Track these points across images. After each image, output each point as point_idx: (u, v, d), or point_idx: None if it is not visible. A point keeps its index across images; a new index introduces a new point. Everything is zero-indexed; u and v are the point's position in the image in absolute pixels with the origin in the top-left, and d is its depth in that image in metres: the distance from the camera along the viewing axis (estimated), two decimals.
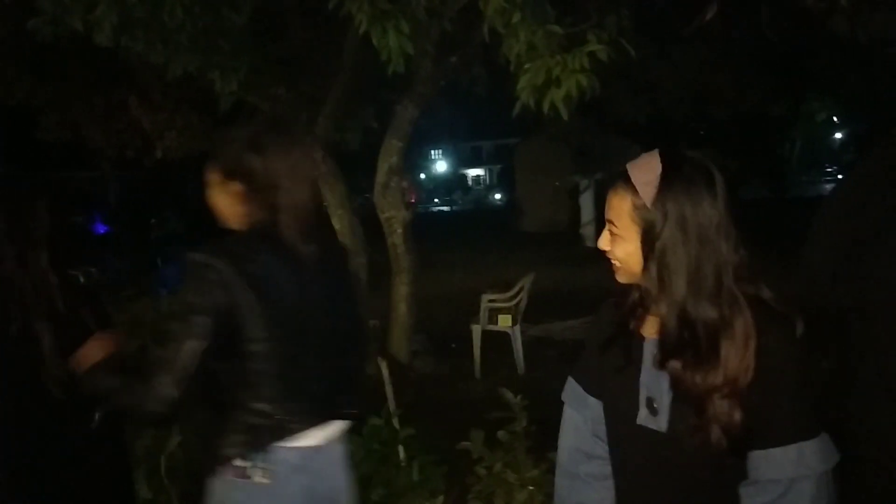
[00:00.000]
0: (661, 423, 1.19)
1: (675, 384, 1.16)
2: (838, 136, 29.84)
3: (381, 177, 5.60)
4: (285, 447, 1.53)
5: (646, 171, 1.20)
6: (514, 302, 5.91)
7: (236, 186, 1.61)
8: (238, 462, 1.51)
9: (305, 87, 5.87)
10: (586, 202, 16.41)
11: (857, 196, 1.08)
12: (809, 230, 1.22)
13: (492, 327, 5.81)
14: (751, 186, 23.34)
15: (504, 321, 5.80)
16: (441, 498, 2.53)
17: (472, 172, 51.73)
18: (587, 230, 16.11)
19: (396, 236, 5.73)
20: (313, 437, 1.58)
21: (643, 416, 1.21)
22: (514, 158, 22.36)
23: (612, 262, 1.27)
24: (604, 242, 1.28)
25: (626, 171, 1.24)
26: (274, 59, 5.47)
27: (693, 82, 7.22)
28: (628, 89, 7.85)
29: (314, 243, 1.63)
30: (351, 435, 2.53)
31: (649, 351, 1.21)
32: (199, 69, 4.27)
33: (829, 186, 28.87)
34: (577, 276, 11.39)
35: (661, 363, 1.17)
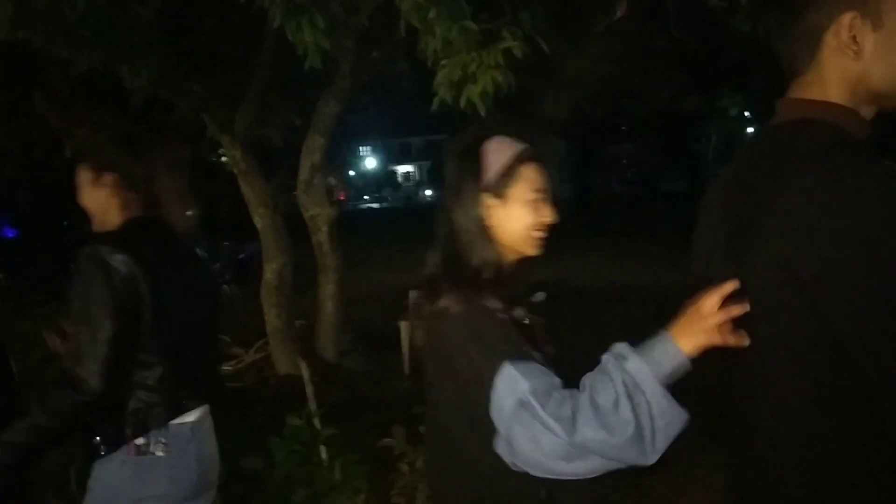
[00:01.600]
0: None
1: None
2: (751, 130, 31.27)
3: (304, 174, 5.53)
4: (178, 423, 1.71)
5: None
6: None
7: (110, 179, 1.72)
8: (139, 440, 1.66)
9: (222, 82, 5.72)
10: None
11: (737, 181, 1.13)
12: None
13: None
14: (669, 179, 24.22)
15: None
16: (363, 496, 2.52)
17: (402, 169, 51.60)
18: None
19: (321, 234, 5.66)
20: (197, 412, 1.78)
21: None
22: (443, 154, 22.44)
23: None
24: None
25: None
26: (188, 53, 5.31)
27: (611, 79, 7.42)
28: (550, 86, 8.00)
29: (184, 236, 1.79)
30: (271, 436, 2.49)
31: None
32: (105, 64, 4.09)
33: None
34: None
35: None
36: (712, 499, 3.41)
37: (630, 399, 1.15)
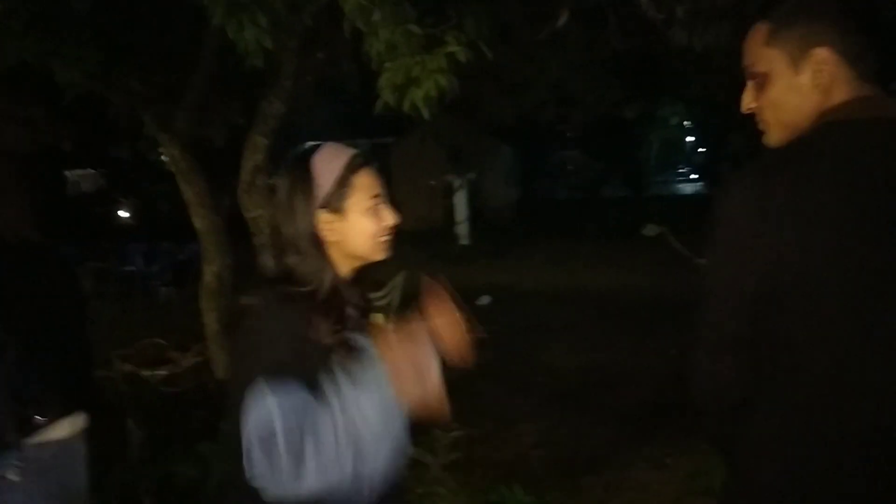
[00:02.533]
0: None
1: None
2: (691, 138, 32.20)
3: (245, 175, 5.41)
4: (38, 443, 1.60)
5: None
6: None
7: None
8: None
9: (162, 79, 5.57)
10: (460, 201, 16.74)
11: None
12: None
13: None
14: (612, 185, 24.72)
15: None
16: None
17: None
18: (461, 228, 16.44)
19: (263, 237, 5.56)
20: (63, 431, 1.66)
21: None
22: (390, 157, 22.40)
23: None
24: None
25: None
26: (126, 48, 5.15)
27: (555, 86, 7.52)
28: (497, 91, 8.06)
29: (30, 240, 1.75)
30: (207, 442, 2.43)
31: None
32: (36, 58, 3.93)
33: (682, 185, 31.19)
34: (450, 273, 11.59)
35: None
36: (647, 498, 3.49)
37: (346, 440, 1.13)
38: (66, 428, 1.68)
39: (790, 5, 1.14)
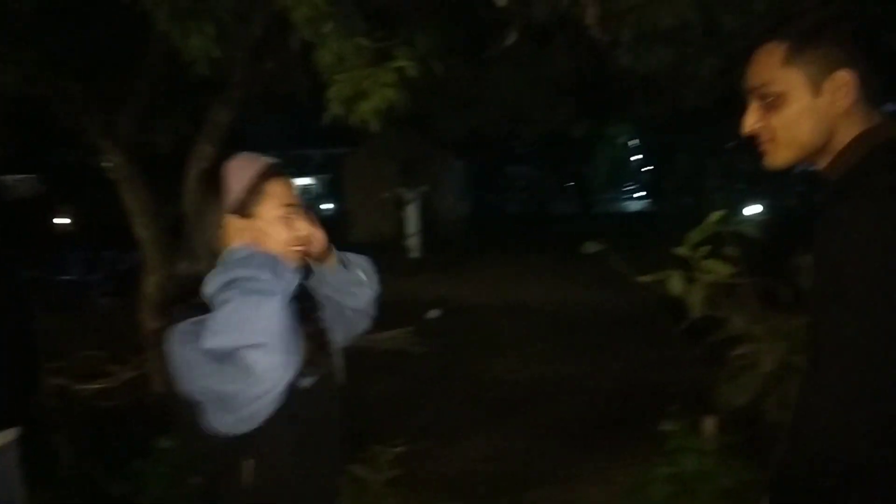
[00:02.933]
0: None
1: None
2: (637, 157, 32.97)
3: (191, 184, 5.31)
4: None
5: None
6: None
7: None
8: None
9: (105, 84, 5.42)
10: (411, 214, 16.75)
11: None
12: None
13: None
14: (562, 201, 25.13)
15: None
16: None
17: (301, 182, 50.70)
18: (412, 241, 16.43)
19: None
20: None
21: None
22: (342, 169, 22.28)
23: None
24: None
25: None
26: (67, 51, 5.00)
27: (506, 103, 7.62)
28: (449, 106, 8.11)
29: None
30: (141, 459, 2.36)
31: None
32: None
33: (628, 203, 31.88)
34: (401, 286, 11.59)
35: None
36: None
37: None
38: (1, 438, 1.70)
39: (807, 25, 1.13)
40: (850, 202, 1.06)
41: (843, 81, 1.10)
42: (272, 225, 1.29)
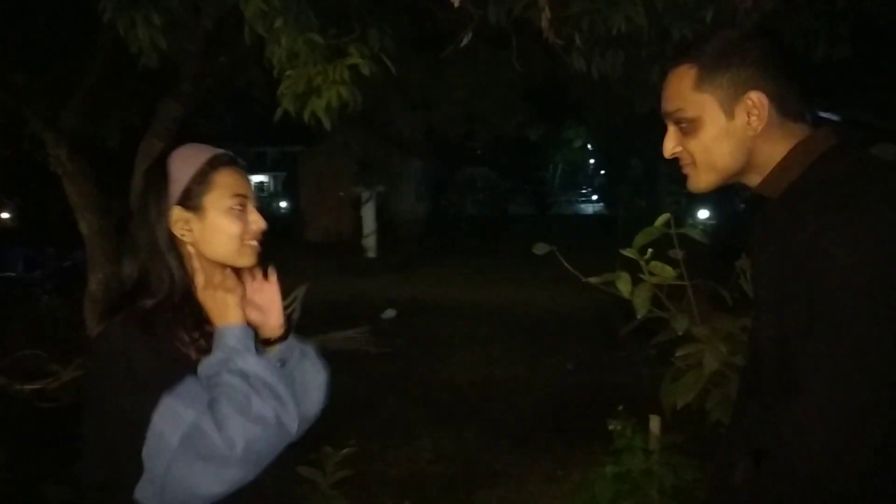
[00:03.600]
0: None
1: None
2: (592, 161, 33.48)
3: (138, 179, 5.18)
4: None
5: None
6: (287, 312, 5.79)
7: None
8: None
9: (49, 74, 5.25)
10: (368, 213, 16.67)
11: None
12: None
13: None
14: (518, 203, 25.34)
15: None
16: None
17: (256, 179, 49.87)
18: (368, 241, 16.35)
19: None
20: None
21: None
22: (298, 167, 22.01)
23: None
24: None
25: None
26: (9, 40, 4.83)
27: (463, 104, 7.64)
28: (406, 105, 8.10)
29: None
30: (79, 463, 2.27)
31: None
32: None
33: (584, 206, 32.34)
34: (357, 286, 11.52)
35: None
36: None
37: (251, 388, 1.13)
38: None
39: (715, 48, 1.12)
40: (825, 217, 1.01)
41: (755, 103, 1.10)
42: (221, 217, 1.22)
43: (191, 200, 1.22)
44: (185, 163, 1.23)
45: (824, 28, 4.25)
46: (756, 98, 1.10)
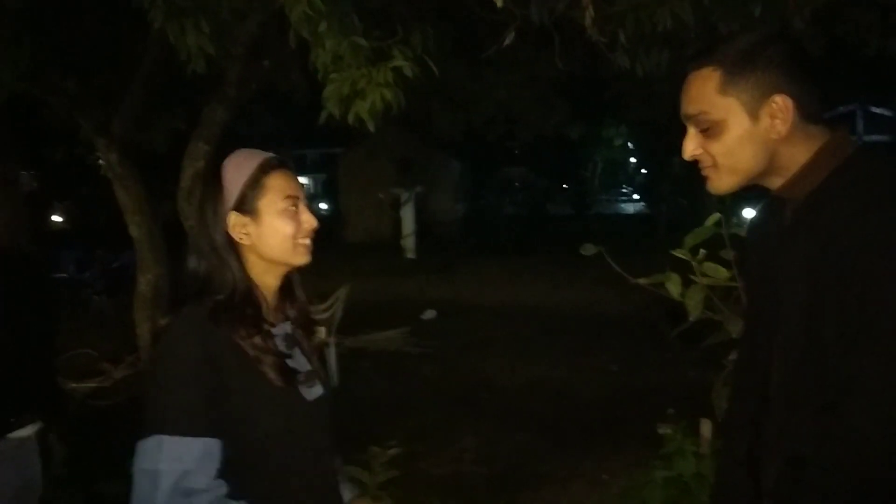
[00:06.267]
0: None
1: None
2: (633, 160, 33.06)
3: (185, 182, 5.29)
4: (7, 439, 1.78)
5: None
6: (329, 313, 5.85)
7: None
8: None
9: (101, 81, 5.40)
10: (407, 214, 16.74)
11: None
12: None
13: None
14: (557, 203, 25.16)
15: (318, 333, 5.73)
16: None
17: None
18: (408, 242, 16.42)
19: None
20: (24, 431, 1.85)
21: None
22: (339, 169, 22.24)
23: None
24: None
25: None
26: (63, 49, 4.98)
27: (503, 103, 7.61)
28: (446, 106, 8.10)
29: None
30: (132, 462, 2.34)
31: None
32: None
33: (624, 205, 31.90)
34: (396, 286, 11.59)
35: None
36: None
37: None
38: (29, 428, 1.86)
39: (739, 51, 1.11)
40: (881, 213, 1.00)
41: (780, 106, 1.09)
42: (276, 218, 1.26)
43: (246, 205, 1.26)
44: (237, 169, 1.27)
45: (878, 20, 4.13)
46: (781, 101, 1.09)
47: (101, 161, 5.91)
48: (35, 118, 6.77)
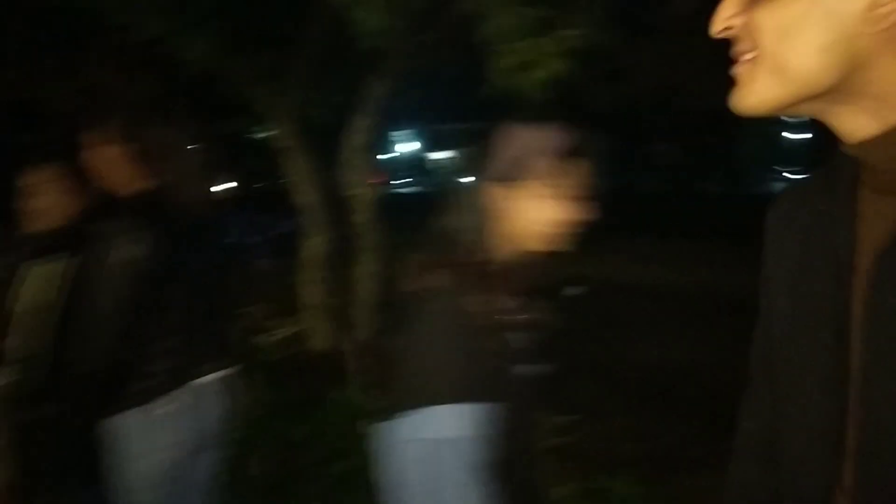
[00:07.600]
0: None
1: None
2: (786, 134, 30.59)
3: (347, 153, 5.55)
4: (191, 386, 1.86)
5: None
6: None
7: (129, 148, 1.79)
8: (149, 403, 1.77)
9: (272, 57, 5.74)
10: None
11: None
12: None
13: None
14: (707, 180, 23.85)
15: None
16: None
17: (440, 155, 51.26)
18: None
19: (360, 214, 5.69)
20: (209, 379, 1.93)
21: None
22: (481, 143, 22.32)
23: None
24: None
25: None
26: (239, 28, 5.33)
27: (656, 75, 7.31)
28: (593, 79, 7.88)
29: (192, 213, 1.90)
30: (314, 410, 2.53)
31: None
32: (164, 35, 4.14)
33: (779, 185, 29.55)
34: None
35: None
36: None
37: None
38: (211, 377, 1.95)
39: None
40: None
41: None
42: (534, 201, 1.26)
43: (509, 179, 1.26)
44: (515, 143, 1.28)
45: None
46: None
47: (267, 133, 6.31)
48: (209, 94, 7.32)
